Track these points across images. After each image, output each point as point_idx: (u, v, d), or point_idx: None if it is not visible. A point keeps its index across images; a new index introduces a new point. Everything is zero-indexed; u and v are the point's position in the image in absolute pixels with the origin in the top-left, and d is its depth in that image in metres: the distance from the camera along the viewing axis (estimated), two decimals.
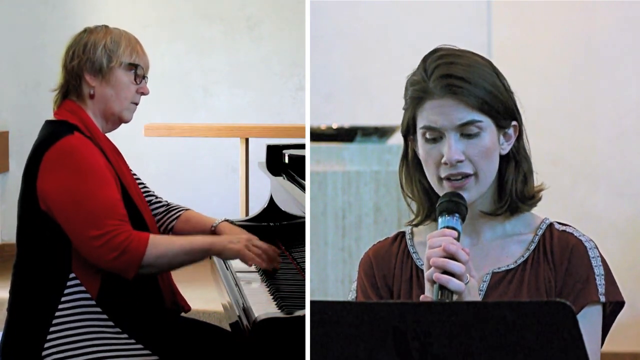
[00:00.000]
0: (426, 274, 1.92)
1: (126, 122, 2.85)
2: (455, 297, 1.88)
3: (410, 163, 2.10)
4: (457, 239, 1.93)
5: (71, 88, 2.79)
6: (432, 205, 2.07)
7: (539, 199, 2.09)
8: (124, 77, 2.79)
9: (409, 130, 2.08)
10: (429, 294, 1.91)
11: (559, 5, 5.11)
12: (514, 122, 2.06)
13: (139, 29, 6.06)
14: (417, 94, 2.03)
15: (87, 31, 2.83)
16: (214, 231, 3.00)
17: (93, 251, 2.62)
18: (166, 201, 3.09)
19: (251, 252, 2.77)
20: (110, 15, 5.92)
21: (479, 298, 1.95)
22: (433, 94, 2.01)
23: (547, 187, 2.10)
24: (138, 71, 2.81)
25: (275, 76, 6.10)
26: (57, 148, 2.67)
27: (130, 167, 2.93)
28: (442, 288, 1.88)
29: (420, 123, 2.04)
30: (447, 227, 1.95)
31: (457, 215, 1.97)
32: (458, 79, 2.00)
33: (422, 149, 2.05)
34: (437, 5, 5.16)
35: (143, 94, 2.85)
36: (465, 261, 1.90)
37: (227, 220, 3.04)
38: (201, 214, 3.07)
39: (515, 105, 2.07)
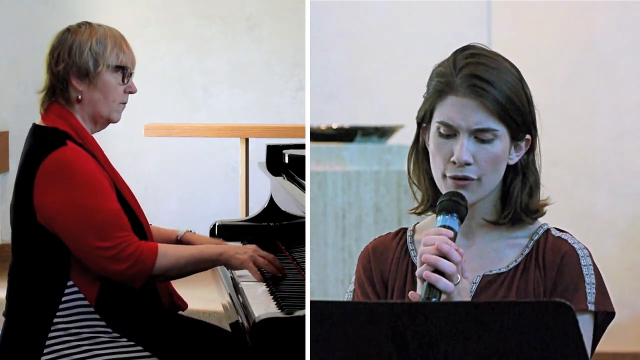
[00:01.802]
0: (417, 270, 1.92)
1: (114, 122, 2.81)
2: (443, 297, 1.88)
3: (420, 151, 2.10)
4: (453, 239, 1.93)
5: (58, 92, 2.74)
6: (436, 195, 2.07)
7: (544, 213, 2.09)
8: (111, 80, 2.74)
9: (424, 119, 2.08)
10: (419, 291, 1.91)
11: (559, 5, 5.11)
12: (528, 136, 2.06)
13: (138, 29, 6.08)
14: (441, 86, 2.02)
15: (71, 31, 2.76)
16: (180, 241, 3.01)
17: (102, 262, 2.61)
18: None
19: (257, 264, 2.79)
20: (110, 15, 5.92)
21: (469, 298, 1.94)
22: (457, 90, 2.00)
23: (552, 202, 2.09)
24: (125, 72, 2.76)
25: (275, 76, 6.10)
26: (51, 160, 2.63)
27: (124, 171, 2.92)
28: (431, 286, 1.88)
29: (437, 117, 2.03)
30: (444, 227, 1.95)
31: (455, 215, 1.97)
32: (484, 82, 1.99)
33: (433, 142, 2.04)
34: (437, 5, 5.16)
35: (131, 92, 2.80)
36: (457, 262, 1.90)
37: (189, 232, 3.05)
38: (160, 227, 3.07)
39: (534, 118, 2.06)
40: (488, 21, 5.15)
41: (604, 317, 2.02)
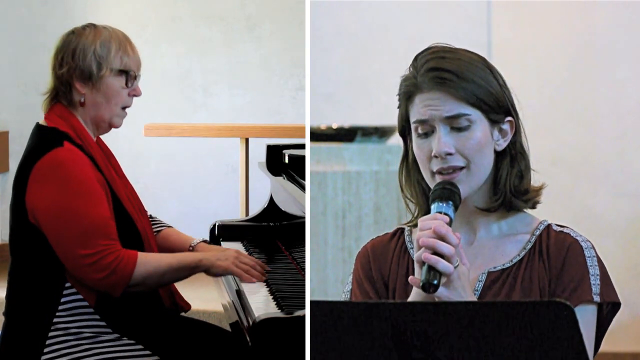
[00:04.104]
0: (415, 255, 1.92)
1: (116, 127, 2.79)
2: (443, 280, 1.88)
3: (410, 164, 2.11)
4: (449, 224, 1.94)
5: (61, 94, 2.73)
6: (428, 207, 2.08)
7: (537, 197, 2.09)
8: (114, 84, 2.73)
9: (404, 129, 2.09)
10: (418, 275, 1.91)
11: (559, 6, 5.11)
12: (509, 118, 2.06)
13: (138, 29, 6.08)
14: (407, 89, 2.05)
15: (75, 33, 2.75)
16: (192, 251, 2.97)
17: (82, 269, 2.60)
18: (150, 215, 3.06)
19: (239, 269, 2.78)
20: (110, 15, 5.92)
21: (469, 284, 1.94)
22: (422, 87, 2.02)
23: (546, 186, 2.10)
24: (129, 74, 2.75)
25: (275, 76, 6.10)
26: (45, 161, 2.62)
27: (124, 170, 2.90)
28: (431, 269, 1.88)
29: (412, 118, 2.05)
30: (440, 213, 1.96)
31: (450, 202, 1.97)
32: (446, 72, 2.01)
33: (415, 144, 2.06)
34: (437, 5, 5.16)
35: (135, 95, 2.79)
36: (455, 244, 1.90)
37: (204, 241, 3.02)
38: (180, 232, 3.05)
39: (511, 101, 2.07)
40: (488, 21, 5.15)
41: (609, 308, 2.03)
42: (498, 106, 2.04)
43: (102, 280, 2.60)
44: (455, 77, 2.00)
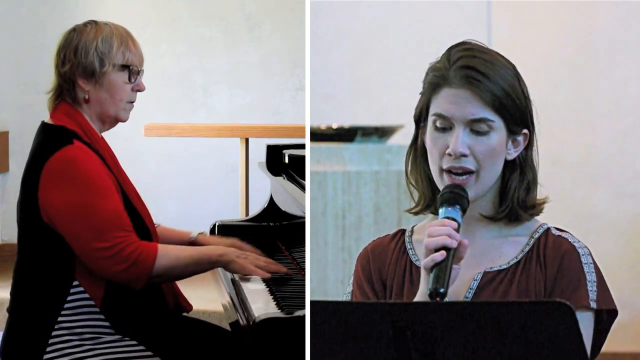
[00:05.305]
0: (423, 262, 1.92)
1: (123, 121, 2.81)
2: (451, 291, 1.89)
3: (419, 151, 2.10)
4: (457, 230, 1.94)
5: (65, 92, 2.74)
6: (433, 195, 2.07)
7: (541, 210, 2.09)
8: (117, 79, 2.74)
9: (421, 117, 2.08)
10: (424, 282, 1.91)
11: (558, 5, 5.11)
12: (525, 130, 2.06)
13: (138, 29, 6.06)
14: (436, 79, 2.03)
15: (77, 30, 2.75)
16: (193, 243, 3.00)
17: (101, 263, 2.61)
18: None
19: (259, 267, 2.79)
20: (111, 15, 5.91)
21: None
22: (451, 82, 2.01)
23: (549, 200, 2.10)
24: (132, 69, 2.75)
25: (275, 76, 6.10)
26: (57, 159, 2.64)
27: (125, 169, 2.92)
28: (438, 277, 1.88)
29: (433, 110, 2.04)
30: (448, 218, 1.96)
31: (458, 207, 1.97)
32: (478, 73, 2.00)
33: (429, 136, 2.05)
34: (437, 5, 5.16)
35: (139, 90, 2.79)
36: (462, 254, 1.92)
37: (200, 234, 3.05)
38: (170, 228, 3.06)
39: (531, 114, 2.07)
40: (488, 21, 5.15)
41: (606, 315, 2.02)
42: (519, 116, 2.04)
43: (123, 272, 2.61)
44: (485, 79, 2.00)
